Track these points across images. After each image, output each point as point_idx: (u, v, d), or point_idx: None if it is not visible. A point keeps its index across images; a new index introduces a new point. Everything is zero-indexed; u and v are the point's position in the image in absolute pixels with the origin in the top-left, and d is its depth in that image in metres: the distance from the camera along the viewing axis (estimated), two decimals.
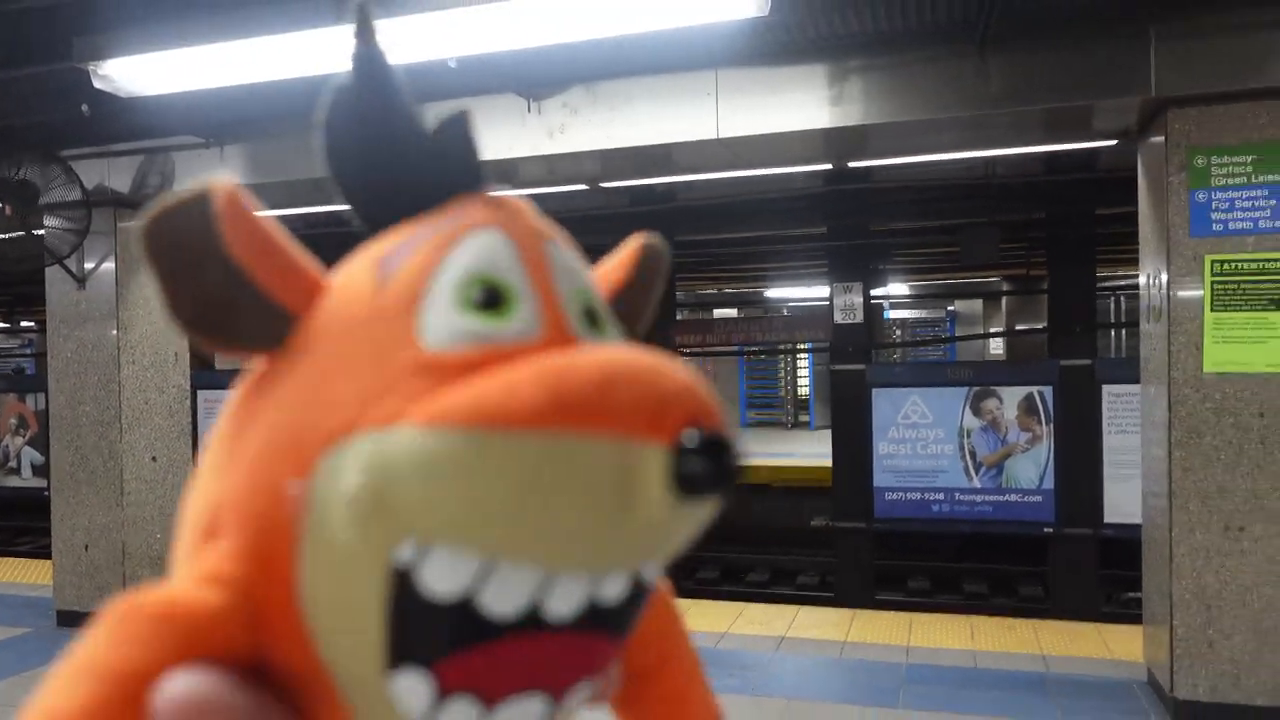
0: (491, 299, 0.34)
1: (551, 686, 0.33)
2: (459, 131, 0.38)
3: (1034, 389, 7.51)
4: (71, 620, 5.40)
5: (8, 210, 5.00)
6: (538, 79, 4.33)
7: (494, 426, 0.29)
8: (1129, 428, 7.10)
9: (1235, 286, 3.72)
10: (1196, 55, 3.66)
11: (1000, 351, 13.76)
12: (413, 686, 0.31)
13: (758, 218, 8.28)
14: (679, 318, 10.34)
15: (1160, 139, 3.87)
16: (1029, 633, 5.04)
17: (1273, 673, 3.69)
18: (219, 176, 0.34)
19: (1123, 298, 14.42)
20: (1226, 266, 3.73)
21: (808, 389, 17.74)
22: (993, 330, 14.05)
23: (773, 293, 14.20)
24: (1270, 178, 3.68)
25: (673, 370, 0.32)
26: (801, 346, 10.55)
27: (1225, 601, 3.74)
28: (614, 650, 0.35)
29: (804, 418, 17.73)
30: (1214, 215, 3.74)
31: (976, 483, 7.65)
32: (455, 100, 0.39)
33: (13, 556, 8.05)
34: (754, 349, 12.73)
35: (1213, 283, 3.74)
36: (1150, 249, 4.07)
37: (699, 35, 3.70)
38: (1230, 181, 3.71)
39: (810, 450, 12.02)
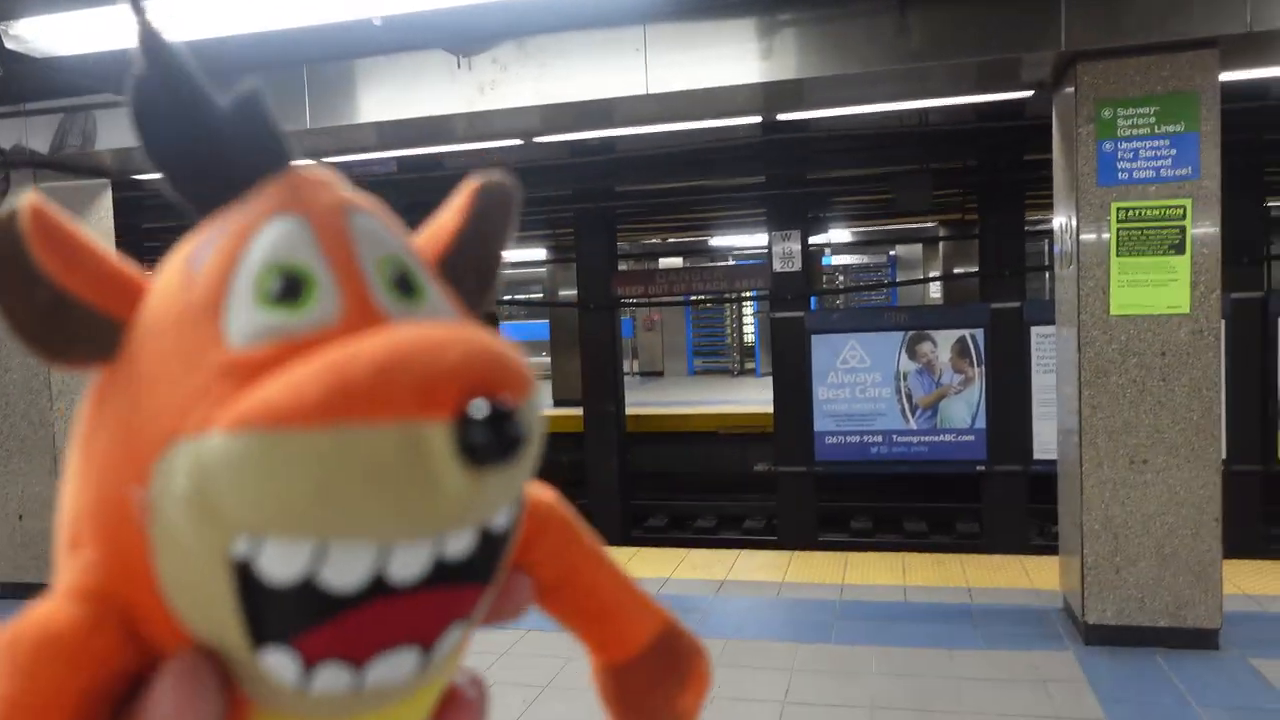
0: (290, 288, 0.34)
1: (418, 639, 0.35)
2: (254, 110, 0.37)
3: (966, 332, 7.72)
4: (10, 592, 5.37)
5: None
6: (466, 35, 4.31)
7: (283, 427, 0.30)
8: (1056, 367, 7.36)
9: (1139, 232, 3.89)
10: (1104, 10, 3.77)
11: (940, 295, 14.05)
12: (280, 661, 0.33)
13: (697, 168, 8.31)
14: (621, 269, 10.38)
15: (1071, 90, 4.00)
16: (957, 567, 5.29)
17: (1173, 595, 3.95)
18: (24, 195, 0.34)
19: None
20: (1131, 213, 3.89)
21: (753, 336, 17.98)
22: (926, 275, 14.33)
23: (716, 241, 14.28)
24: (1171, 128, 3.83)
25: (459, 343, 0.32)
26: (746, 294, 10.68)
27: (1130, 530, 3.98)
28: (479, 593, 0.37)
29: (750, 365, 17.99)
30: (1120, 164, 3.89)
31: (913, 424, 7.88)
32: (252, 71, 0.41)
33: None
34: (697, 299, 12.84)
35: (1118, 229, 3.91)
36: (1063, 197, 4.22)
37: None
38: (1135, 132, 3.86)
39: (756, 397, 12.22)
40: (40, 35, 3.79)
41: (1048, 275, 15.11)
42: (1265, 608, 4.36)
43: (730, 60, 4.17)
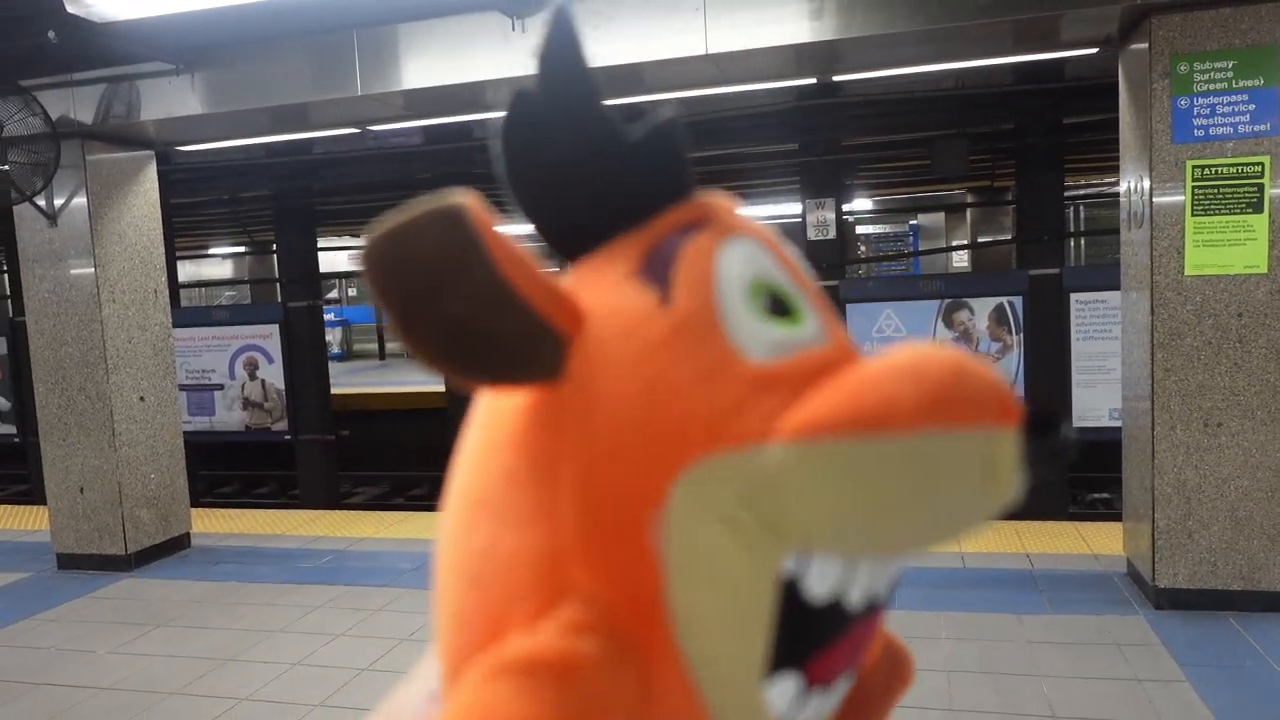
0: (778, 306, 0.35)
1: (858, 664, 0.36)
2: (668, 140, 0.34)
3: (1004, 299, 7.64)
4: (72, 563, 5.39)
5: None
6: None
7: (876, 432, 0.30)
8: (1096, 334, 7.30)
9: (1215, 191, 3.82)
10: None
11: (964, 264, 13.92)
12: (784, 689, 0.33)
13: (727, 135, 8.21)
14: None
15: (1143, 45, 3.91)
16: (1011, 533, 5.26)
17: (1247, 559, 3.92)
18: (458, 193, 0.30)
19: (1081, 207, 14.60)
20: (1207, 171, 3.82)
21: None
22: (958, 243, 14.19)
23: (748, 211, 14.16)
24: (1250, 82, 3.75)
25: (976, 361, 0.34)
26: None
27: (1204, 494, 3.94)
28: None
29: None
30: (1195, 121, 3.81)
31: None
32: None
33: None
34: None
35: (1193, 188, 3.84)
36: (1132, 156, 4.15)
37: None
38: (1211, 87, 3.78)
39: None
40: None
41: (1072, 242, 14.99)
42: None
43: (793, 19, 4.09)
